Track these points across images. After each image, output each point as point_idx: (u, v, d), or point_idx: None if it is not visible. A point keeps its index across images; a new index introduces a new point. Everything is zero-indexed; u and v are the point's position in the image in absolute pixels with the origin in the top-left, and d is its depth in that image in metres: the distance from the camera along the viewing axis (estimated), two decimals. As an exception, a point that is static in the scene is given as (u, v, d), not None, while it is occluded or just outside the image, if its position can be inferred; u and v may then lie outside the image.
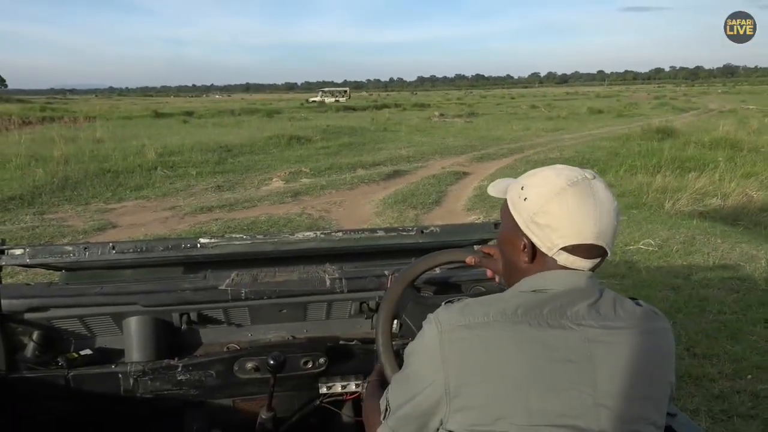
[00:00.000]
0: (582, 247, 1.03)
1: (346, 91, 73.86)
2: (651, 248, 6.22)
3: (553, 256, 1.05)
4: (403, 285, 1.56)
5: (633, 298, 1.12)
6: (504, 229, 1.16)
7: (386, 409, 1.13)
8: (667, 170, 10.06)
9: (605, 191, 1.05)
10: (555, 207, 1.03)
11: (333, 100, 62.17)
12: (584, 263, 1.05)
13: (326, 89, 78.94)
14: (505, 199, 1.15)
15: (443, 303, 1.10)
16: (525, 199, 1.07)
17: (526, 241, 1.08)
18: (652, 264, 5.78)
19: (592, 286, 1.05)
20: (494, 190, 1.23)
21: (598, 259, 1.06)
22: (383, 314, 1.49)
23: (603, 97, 66.58)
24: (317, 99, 63.70)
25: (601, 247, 1.04)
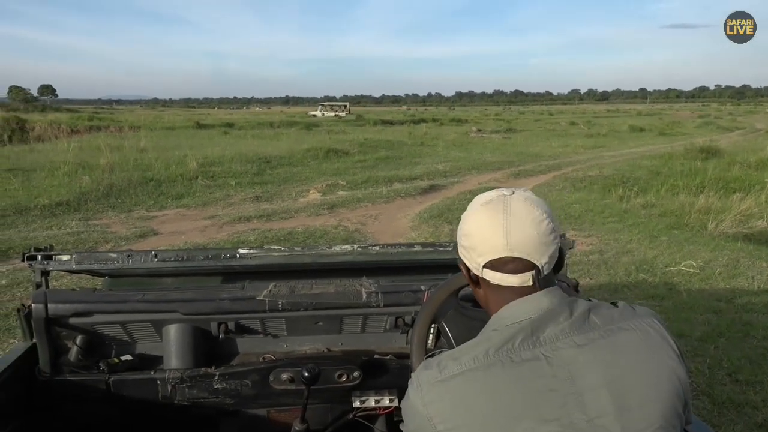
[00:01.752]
0: (500, 261, 1.04)
1: (346, 106, 74.13)
2: (692, 270, 6.07)
3: (483, 276, 1.07)
4: (439, 301, 1.55)
5: (613, 302, 1.10)
6: (463, 269, 1.18)
7: None
8: (711, 191, 9.82)
9: (523, 204, 1.06)
10: (470, 227, 1.08)
11: (332, 114, 62.51)
12: (513, 278, 1.04)
13: (326, 103, 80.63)
14: None
15: (424, 358, 1.12)
16: (459, 227, 1.13)
17: (464, 268, 1.13)
18: (694, 286, 5.63)
19: (559, 305, 1.04)
20: None
21: (529, 274, 1.04)
22: (418, 329, 1.49)
23: (645, 115, 65.43)
24: (317, 113, 64.21)
25: (523, 260, 1.03)
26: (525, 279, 1.04)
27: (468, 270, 1.11)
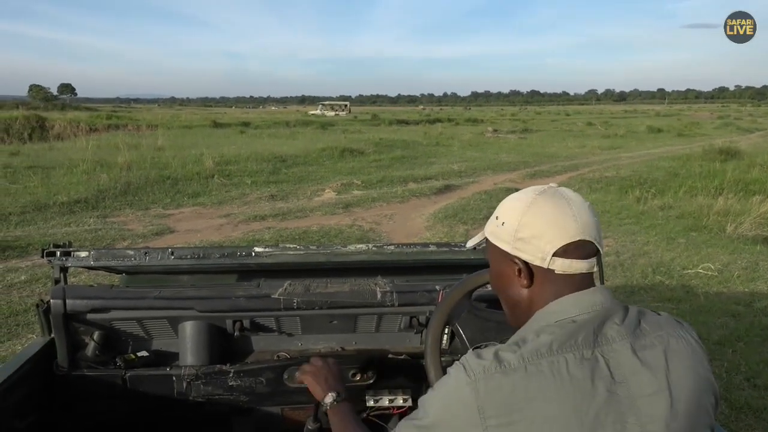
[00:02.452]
0: (572, 246, 1.01)
1: (346, 105, 74.41)
2: (710, 273, 6.00)
3: (550, 266, 1.03)
4: (454, 301, 1.55)
5: (654, 311, 1.09)
6: (493, 266, 1.14)
7: None
8: (730, 192, 9.71)
9: (573, 193, 1.08)
10: (532, 217, 1.04)
11: (333, 113, 62.74)
12: (582, 264, 1.02)
13: (326, 103, 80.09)
14: (484, 239, 1.16)
15: (471, 349, 1.05)
16: (503, 224, 1.08)
17: (518, 263, 1.06)
18: (712, 289, 5.57)
19: (615, 303, 1.03)
20: (473, 242, 1.25)
21: (594, 259, 1.04)
22: (433, 329, 1.49)
23: (663, 115, 64.77)
24: (317, 112, 64.43)
25: (592, 244, 1.03)
26: (592, 264, 1.03)
27: (526, 264, 1.05)
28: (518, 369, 0.94)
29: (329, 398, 1.39)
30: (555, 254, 1.02)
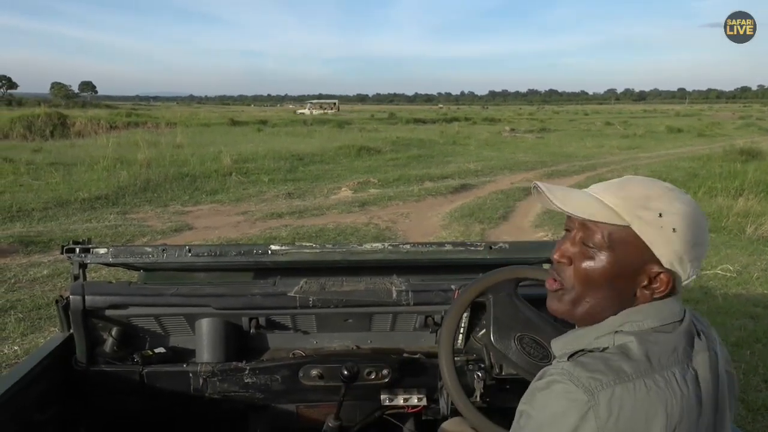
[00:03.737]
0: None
1: (335, 104, 72.68)
2: (729, 274, 5.94)
3: (680, 270, 0.95)
4: (468, 301, 1.55)
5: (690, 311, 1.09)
6: (618, 258, 0.95)
7: None
8: (751, 193, 9.58)
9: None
10: (704, 234, 0.96)
11: (321, 112, 60.90)
12: (694, 278, 0.98)
13: (314, 101, 78.47)
14: (615, 224, 0.95)
15: (558, 361, 0.97)
16: (674, 230, 0.93)
17: (664, 275, 0.94)
18: (730, 290, 5.51)
19: (684, 313, 0.99)
20: (573, 205, 0.99)
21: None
22: (446, 328, 1.50)
23: (683, 115, 63.97)
24: (305, 111, 62.40)
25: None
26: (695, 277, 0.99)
27: (655, 259, 0.94)
28: (638, 382, 0.87)
29: None
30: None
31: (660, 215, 0.93)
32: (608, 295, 0.97)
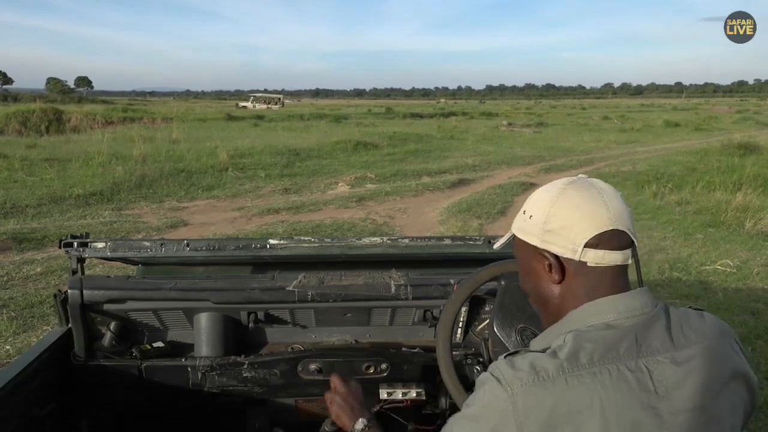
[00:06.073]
0: (604, 236, 0.97)
1: (280, 99, 66.93)
2: (729, 269, 5.92)
3: (582, 258, 0.97)
4: (466, 294, 1.55)
5: (695, 308, 1.04)
6: (521, 263, 1.09)
7: None
8: (749, 188, 9.56)
9: (604, 183, 1.04)
10: (561, 207, 1.00)
11: (265, 107, 56.73)
12: (616, 255, 0.97)
13: (258, 95, 70.72)
14: (512, 236, 1.11)
15: (502, 357, 0.99)
16: (530, 217, 1.04)
17: (548, 256, 1.01)
18: (730, 286, 5.49)
19: (657, 307, 0.98)
20: (501, 243, 1.20)
21: (629, 250, 0.99)
22: (444, 322, 1.50)
23: (680, 109, 63.98)
24: (248, 105, 58.76)
25: (625, 234, 0.98)
26: (627, 256, 0.98)
27: (556, 258, 1.01)
28: (558, 381, 0.89)
29: (359, 425, 1.35)
30: (587, 245, 0.97)
31: (524, 212, 1.07)
32: (539, 294, 1.07)
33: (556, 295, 1.03)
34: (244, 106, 56.96)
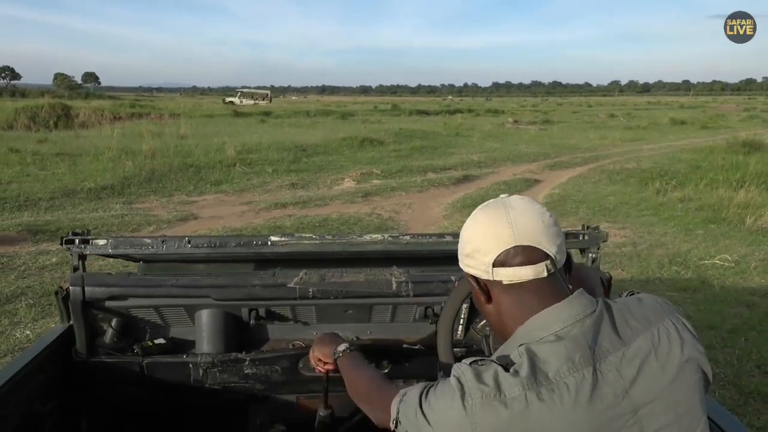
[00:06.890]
0: (509, 253, 0.99)
1: (267, 95, 67.07)
2: (727, 264, 6.02)
3: (495, 278, 1.00)
4: (467, 291, 1.53)
5: (630, 292, 1.10)
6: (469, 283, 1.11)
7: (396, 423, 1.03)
8: (752, 185, 9.63)
9: (522, 200, 1.05)
10: (470, 231, 1.06)
11: (252, 102, 56.65)
12: (526, 270, 0.98)
13: (245, 90, 71.19)
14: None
15: (467, 363, 0.97)
16: (460, 239, 1.10)
17: (472, 281, 1.06)
18: (727, 280, 5.60)
19: (597, 312, 0.98)
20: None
21: (543, 264, 0.98)
22: (445, 319, 1.52)
23: (687, 107, 63.64)
24: (235, 100, 58.22)
25: (534, 248, 0.98)
26: (539, 270, 0.98)
27: (477, 281, 1.05)
28: (518, 399, 0.88)
29: (342, 347, 1.42)
30: (494, 264, 1.00)
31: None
32: (484, 315, 1.10)
33: (494, 314, 1.06)
34: (231, 102, 56.23)
